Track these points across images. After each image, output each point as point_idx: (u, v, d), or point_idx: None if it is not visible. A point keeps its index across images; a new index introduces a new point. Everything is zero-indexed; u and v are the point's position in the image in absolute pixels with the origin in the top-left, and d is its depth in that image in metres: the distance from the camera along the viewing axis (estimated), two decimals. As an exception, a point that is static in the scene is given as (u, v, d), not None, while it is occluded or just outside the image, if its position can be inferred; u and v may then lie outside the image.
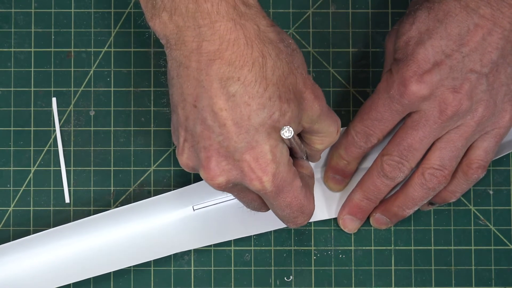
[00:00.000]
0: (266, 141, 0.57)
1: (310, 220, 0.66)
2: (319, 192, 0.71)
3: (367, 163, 0.70)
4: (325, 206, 0.71)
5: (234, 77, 0.56)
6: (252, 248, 0.72)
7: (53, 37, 0.73)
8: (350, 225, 0.71)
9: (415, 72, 0.63)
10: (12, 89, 0.72)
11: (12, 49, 0.72)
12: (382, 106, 0.65)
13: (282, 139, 0.58)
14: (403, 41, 0.64)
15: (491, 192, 0.73)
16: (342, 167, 0.69)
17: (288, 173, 0.59)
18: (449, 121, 0.64)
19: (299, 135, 0.62)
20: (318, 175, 0.71)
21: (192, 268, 0.72)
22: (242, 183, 0.59)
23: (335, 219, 0.72)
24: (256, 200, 0.62)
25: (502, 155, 0.71)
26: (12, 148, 0.72)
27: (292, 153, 0.63)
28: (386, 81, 0.65)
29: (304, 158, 0.65)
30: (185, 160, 0.59)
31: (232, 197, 0.70)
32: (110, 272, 0.70)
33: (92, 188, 0.72)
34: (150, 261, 0.71)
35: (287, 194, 0.60)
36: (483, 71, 0.63)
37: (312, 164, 0.68)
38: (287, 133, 0.57)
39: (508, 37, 0.62)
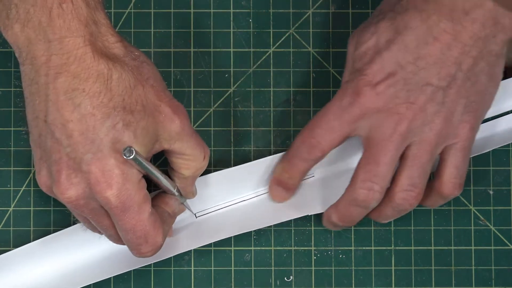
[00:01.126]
0: (112, 154, 0.57)
1: (311, 219, 0.66)
2: (317, 187, 0.70)
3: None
4: (321, 202, 0.70)
5: (79, 89, 0.57)
6: (252, 248, 0.72)
7: (53, 37, 0.73)
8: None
9: (369, 82, 0.62)
10: (12, 89, 0.72)
11: (12, 50, 0.72)
12: (333, 115, 0.64)
13: (133, 161, 0.57)
14: (362, 50, 0.63)
15: (491, 192, 0.73)
16: (284, 180, 0.68)
17: (136, 193, 0.59)
18: (407, 134, 0.63)
19: (168, 165, 0.62)
20: (318, 175, 0.71)
21: (192, 268, 0.72)
22: (92, 199, 0.59)
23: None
24: (112, 228, 0.62)
25: (484, 152, 0.70)
26: (12, 148, 0.72)
27: (158, 187, 0.62)
28: (342, 90, 0.64)
29: (175, 192, 0.64)
30: (43, 178, 0.60)
31: (236, 200, 0.70)
32: (110, 272, 0.70)
33: (92, 188, 0.72)
34: (150, 261, 0.71)
35: (132, 215, 0.59)
36: (440, 85, 0.62)
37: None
38: (128, 153, 0.57)
39: (469, 52, 0.62)
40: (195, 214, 0.70)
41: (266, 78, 0.73)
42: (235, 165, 0.71)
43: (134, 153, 0.57)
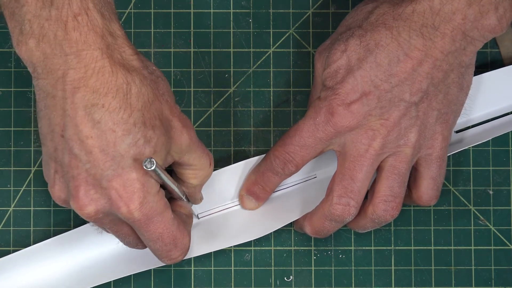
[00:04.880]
0: (133, 169, 0.57)
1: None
2: (315, 189, 0.70)
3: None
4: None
5: (98, 104, 0.56)
6: (252, 248, 0.72)
7: (53, 37, 0.73)
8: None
9: (343, 101, 0.63)
10: (12, 89, 0.72)
11: (12, 49, 0.72)
12: (307, 132, 0.64)
13: (153, 172, 0.57)
14: (333, 68, 0.64)
15: (491, 192, 0.73)
16: (256, 191, 0.69)
17: (157, 203, 0.59)
18: (381, 149, 0.63)
19: (174, 173, 0.63)
20: (322, 176, 0.71)
21: (192, 268, 0.72)
22: (112, 212, 0.59)
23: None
24: (131, 235, 0.62)
25: (461, 149, 0.70)
26: (12, 148, 0.72)
27: (169, 194, 0.63)
28: (314, 107, 0.64)
29: (184, 199, 0.65)
30: (57, 192, 0.59)
31: (237, 202, 0.70)
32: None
33: (92, 188, 0.72)
34: (150, 261, 0.71)
35: (158, 224, 0.59)
36: (413, 100, 0.62)
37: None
38: (149, 164, 0.57)
39: (439, 66, 0.62)
40: (197, 215, 0.70)
41: (266, 78, 0.73)
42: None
43: (155, 164, 0.56)
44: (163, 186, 0.61)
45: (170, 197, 0.65)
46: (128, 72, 0.57)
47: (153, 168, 0.56)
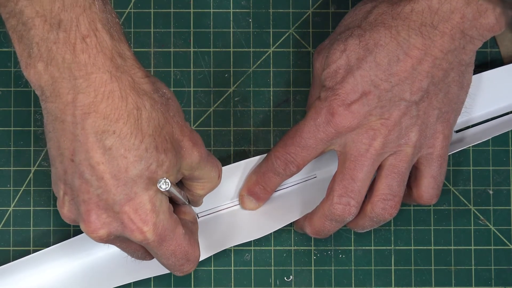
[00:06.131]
0: (145, 192, 0.57)
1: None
2: (315, 189, 0.70)
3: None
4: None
5: (109, 131, 0.56)
6: (252, 248, 0.72)
7: (53, 37, 0.73)
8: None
9: (343, 101, 0.63)
10: (12, 89, 0.72)
11: (12, 49, 0.72)
12: (307, 133, 0.64)
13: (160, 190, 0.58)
14: (332, 69, 0.64)
15: (491, 192, 0.73)
16: (257, 191, 0.69)
17: (169, 221, 0.59)
18: (382, 148, 0.63)
19: (181, 181, 0.63)
20: (322, 176, 0.71)
21: (192, 268, 0.72)
22: (123, 235, 0.59)
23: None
24: (140, 250, 0.62)
25: (462, 148, 0.71)
26: (12, 148, 0.72)
27: (173, 200, 0.63)
28: (315, 108, 0.64)
29: (187, 203, 0.65)
30: (66, 213, 0.59)
31: (236, 202, 0.70)
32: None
33: (92, 188, 0.72)
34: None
35: (170, 242, 0.60)
36: (413, 99, 0.63)
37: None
38: (164, 185, 0.57)
39: (439, 65, 0.62)
40: (197, 215, 0.70)
41: (266, 78, 0.73)
42: (235, 165, 0.71)
43: (170, 185, 0.57)
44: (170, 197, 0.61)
45: (173, 202, 0.65)
46: (138, 96, 0.57)
47: (168, 188, 0.57)
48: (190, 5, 0.73)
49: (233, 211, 0.70)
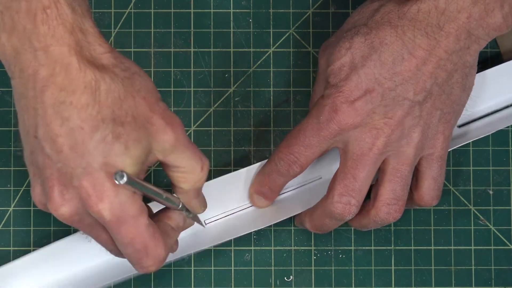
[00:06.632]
0: (103, 167, 0.55)
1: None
2: (320, 191, 0.70)
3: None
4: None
5: (66, 102, 0.55)
6: (252, 248, 0.72)
7: (53, 37, 0.73)
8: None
9: (347, 98, 0.63)
10: (12, 89, 0.72)
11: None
12: (310, 131, 0.64)
13: (127, 185, 0.55)
14: (337, 66, 0.64)
15: (491, 192, 0.73)
16: (264, 191, 0.68)
17: (131, 206, 0.57)
18: (385, 148, 0.63)
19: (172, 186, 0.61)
20: (327, 177, 0.71)
21: (192, 268, 0.72)
22: (87, 214, 0.57)
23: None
24: (111, 243, 0.60)
25: (464, 143, 0.71)
26: (12, 148, 0.72)
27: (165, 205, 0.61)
28: (318, 106, 0.64)
29: (179, 208, 0.62)
30: (37, 196, 0.58)
31: (244, 206, 0.69)
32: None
33: (92, 188, 0.72)
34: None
35: (129, 228, 0.57)
36: (416, 99, 0.63)
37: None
38: (119, 177, 0.55)
39: (444, 66, 0.62)
40: (204, 221, 0.69)
41: (266, 78, 0.73)
42: (235, 165, 0.71)
43: (126, 177, 0.54)
44: (148, 197, 0.59)
45: (165, 208, 0.64)
46: (97, 69, 0.56)
47: (124, 181, 0.55)
48: (190, 5, 0.73)
49: (239, 215, 0.70)
